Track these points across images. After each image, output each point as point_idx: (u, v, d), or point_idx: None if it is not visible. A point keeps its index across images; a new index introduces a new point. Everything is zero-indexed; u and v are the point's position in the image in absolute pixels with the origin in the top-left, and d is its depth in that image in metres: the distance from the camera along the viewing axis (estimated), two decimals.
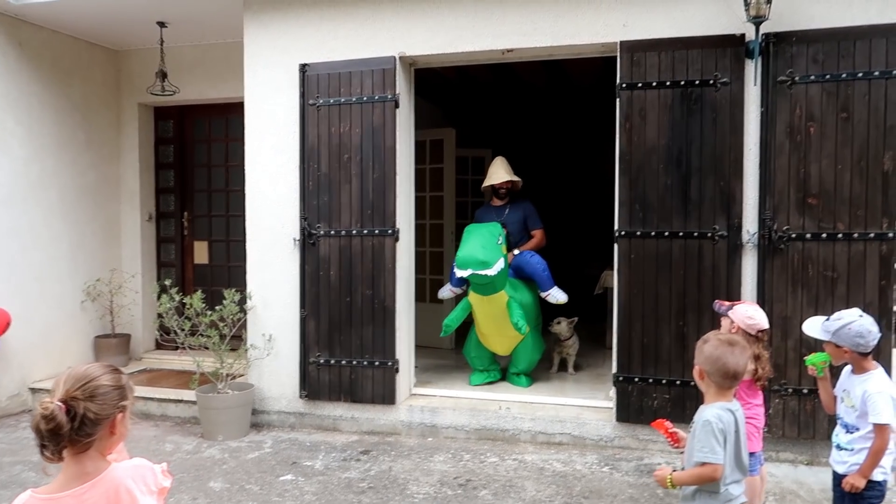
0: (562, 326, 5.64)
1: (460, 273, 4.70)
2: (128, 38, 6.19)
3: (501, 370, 5.46)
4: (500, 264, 4.71)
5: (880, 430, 2.53)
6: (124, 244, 6.61)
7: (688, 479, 2.28)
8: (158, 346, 6.57)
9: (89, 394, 1.55)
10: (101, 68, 6.37)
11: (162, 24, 5.68)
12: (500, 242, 4.87)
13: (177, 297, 4.90)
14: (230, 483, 4.02)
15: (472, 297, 4.97)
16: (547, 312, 5.70)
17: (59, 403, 1.51)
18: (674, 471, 2.33)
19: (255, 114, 5.12)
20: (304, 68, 4.92)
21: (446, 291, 5.50)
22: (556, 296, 5.25)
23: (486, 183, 5.69)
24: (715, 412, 2.25)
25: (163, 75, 5.86)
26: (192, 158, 6.76)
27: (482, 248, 4.66)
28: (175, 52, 6.07)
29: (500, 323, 4.97)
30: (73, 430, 1.51)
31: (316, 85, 4.90)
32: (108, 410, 1.58)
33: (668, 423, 2.48)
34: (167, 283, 5.22)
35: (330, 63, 4.89)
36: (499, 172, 5.61)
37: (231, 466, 4.28)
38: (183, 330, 4.87)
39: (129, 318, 6.47)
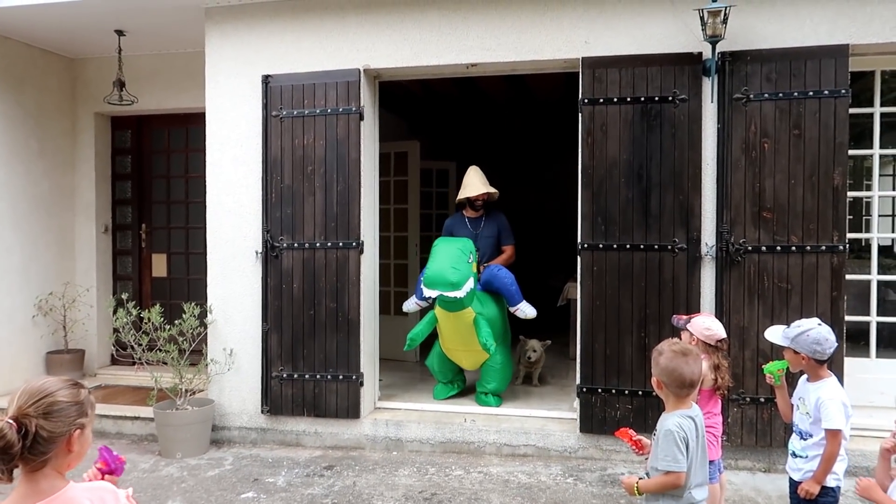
0: (534, 349, 5.60)
1: (428, 293, 4.58)
2: (84, 47, 6.06)
3: (464, 381, 5.42)
4: (469, 285, 4.59)
5: (832, 435, 2.61)
6: (79, 257, 6.42)
7: (653, 487, 2.35)
8: (114, 362, 6.38)
9: (43, 410, 1.48)
10: (56, 76, 6.21)
11: (120, 33, 5.56)
12: (470, 261, 4.72)
13: (134, 312, 4.78)
14: (189, 502, 3.92)
15: (439, 311, 4.83)
16: (515, 327, 5.68)
17: (10, 421, 1.44)
18: (640, 479, 2.38)
19: (216, 125, 5.05)
20: (267, 79, 4.88)
21: (411, 304, 5.35)
22: (525, 310, 5.09)
23: (462, 195, 5.49)
24: (676, 421, 2.31)
25: (120, 84, 5.74)
26: (151, 169, 6.62)
27: (452, 268, 4.51)
28: (133, 60, 5.95)
29: (466, 338, 4.86)
30: (24, 448, 1.45)
31: (279, 96, 4.87)
32: (64, 428, 1.51)
33: (631, 432, 2.54)
34: (124, 296, 5.10)
35: (294, 75, 4.86)
36: (475, 184, 5.41)
37: (190, 485, 4.18)
38: (140, 345, 4.75)
39: (84, 333, 6.28)
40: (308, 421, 4.89)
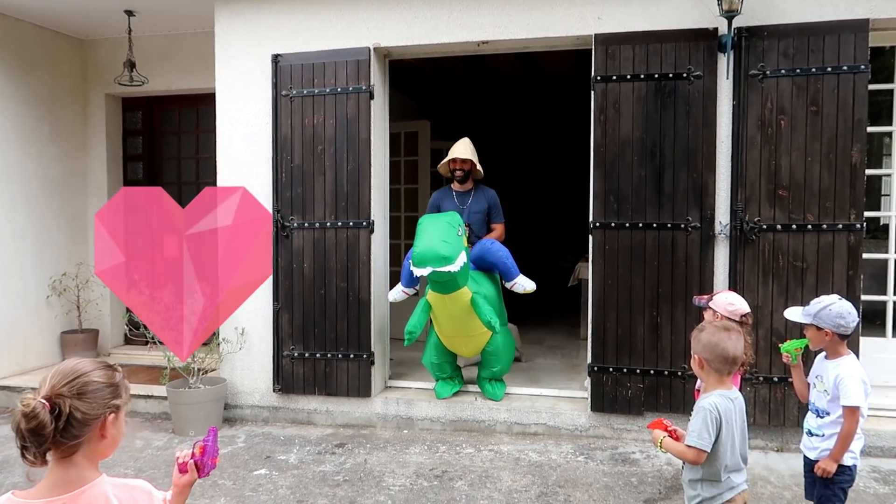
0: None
1: (418, 272, 4.15)
2: (94, 27, 6.05)
3: (462, 376, 5.04)
4: (462, 258, 4.18)
5: (850, 412, 2.58)
6: (91, 238, 6.45)
7: (675, 450, 2.35)
8: (128, 342, 6.45)
9: (78, 390, 1.40)
10: (66, 58, 6.21)
11: (130, 13, 5.55)
12: (460, 234, 4.30)
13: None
14: (202, 479, 3.95)
15: (432, 296, 4.41)
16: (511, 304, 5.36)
17: (43, 400, 1.37)
18: (665, 437, 2.38)
19: (226, 105, 5.04)
20: (276, 59, 4.85)
21: (397, 293, 4.86)
22: (524, 284, 4.70)
23: (446, 158, 5.11)
24: (713, 400, 2.30)
25: (131, 65, 5.73)
26: (162, 151, 6.64)
27: (442, 241, 4.10)
28: (143, 41, 5.94)
29: (464, 323, 4.45)
30: (57, 430, 1.36)
31: (289, 76, 4.84)
32: (98, 410, 1.42)
33: (667, 422, 2.47)
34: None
35: (303, 54, 4.82)
36: (457, 150, 5.04)
37: None
38: None
39: (97, 314, 6.34)
40: (319, 399, 4.92)
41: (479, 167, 5.13)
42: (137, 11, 5.55)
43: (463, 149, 5.06)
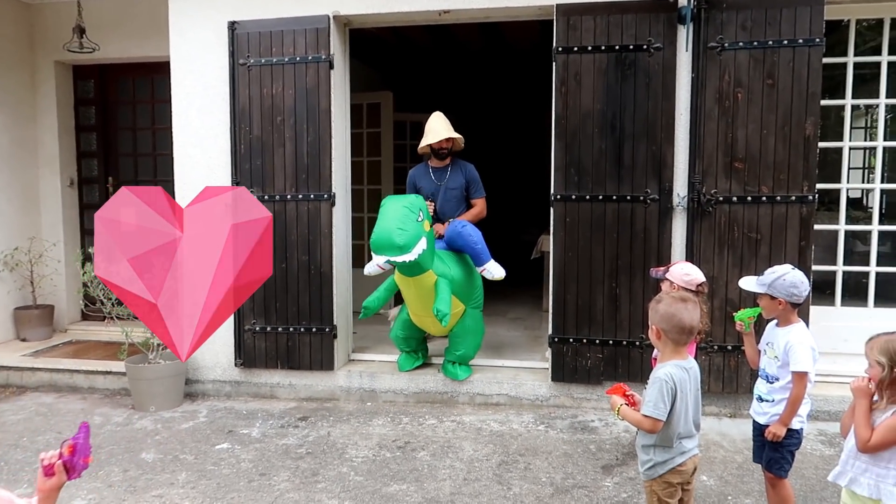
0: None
1: (376, 259, 4.12)
2: None
3: (427, 351, 5.04)
4: (420, 246, 4.08)
5: (799, 377, 2.67)
6: (44, 211, 6.27)
7: (631, 418, 2.39)
8: (85, 317, 6.30)
9: None
10: (11, 23, 5.94)
11: None
12: (420, 219, 4.16)
13: None
14: (163, 454, 3.93)
15: (398, 277, 4.40)
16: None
17: None
18: (623, 405, 2.42)
19: (182, 74, 4.89)
20: (233, 26, 4.72)
21: (372, 267, 4.58)
22: (493, 271, 4.62)
23: (424, 142, 4.94)
24: (668, 370, 2.34)
25: (81, 31, 5.52)
26: (116, 121, 6.43)
27: (399, 229, 4.00)
28: (94, 6, 5.72)
29: (429, 304, 4.36)
30: None
31: (246, 44, 4.72)
32: None
33: (625, 386, 2.51)
34: (91, 251, 4.98)
35: (261, 21, 4.70)
36: (437, 129, 4.89)
37: (164, 437, 4.18)
38: (109, 299, 4.70)
39: (52, 289, 6.17)
40: (282, 373, 4.90)
41: (458, 137, 4.98)
42: None
43: (441, 130, 4.90)
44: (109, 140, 6.44)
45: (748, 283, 2.86)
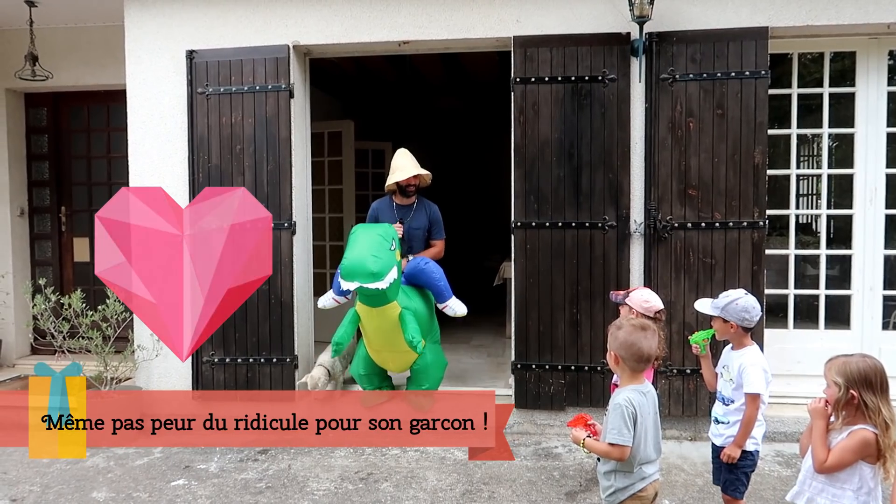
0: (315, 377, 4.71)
1: (346, 285, 4.03)
2: None
3: (392, 383, 4.91)
4: (392, 274, 4.06)
5: (752, 399, 2.73)
6: None
7: (598, 449, 2.39)
8: (34, 351, 6.08)
9: None
10: None
11: (31, 3, 5.23)
12: (392, 249, 4.15)
13: (53, 298, 4.57)
14: (115, 492, 3.79)
15: (360, 308, 4.28)
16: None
17: None
18: (587, 436, 2.42)
19: (138, 102, 4.84)
20: (191, 55, 4.70)
21: (328, 300, 4.67)
22: (455, 308, 4.58)
23: (391, 180, 4.80)
24: (626, 395, 2.36)
25: (33, 59, 5.41)
26: (70, 149, 6.30)
27: (373, 256, 3.97)
28: (47, 33, 5.63)
29: (392, 338, 4.30)
30: None
31: (205, 73, 4.70)
32: None
33: (586, 416, 2.52)
34: (42, 282, 4.84)
35: (220, 50, 4.69)
36: (405, 166, 4.77)
37: (117, 475, 4.04)
38: (61, 332, 4.55)
39: (0, 322, 5.96)
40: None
41: (425, 174, 4.87)
42: (39, 2, 5.24)
43: (409, 167, 4.77)
44: (63, 169, 6.30)
45: (703, 305, 2.94)
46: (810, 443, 2.26)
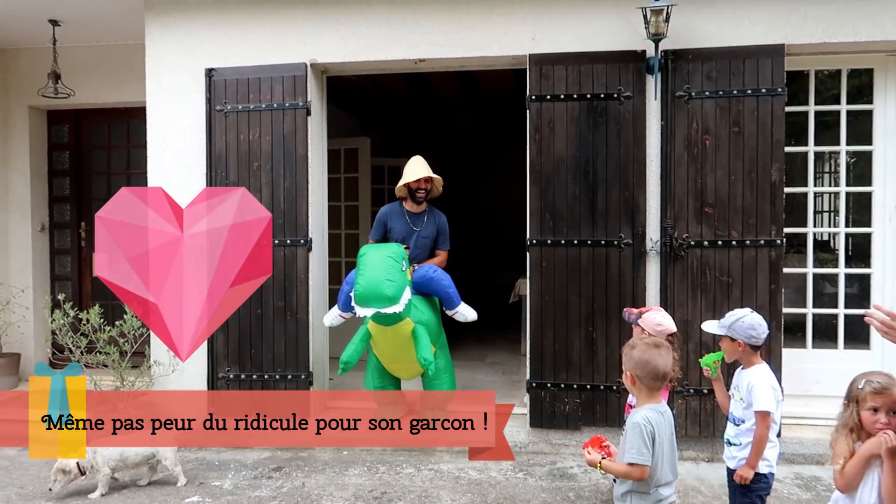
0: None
1: (361, 312, 4.00)
2: (16, 37, 5.81)
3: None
4: (406, 295, 4.05)
5: (762, 417, 2.69)
6: (13, 256, 6.16)
7: (616, 470, 2.37)
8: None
9: None
10: None
11: (55, 23, 5.35)
12: (404, 269, 4.11)
13: (71, 313, 4.62)
14: None
15: (373, 327, 4.22)
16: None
17: None
18: (603, 458, 2.40)
19: (158, 119, 4.91)
20: (210, 73, 4.77)
21: (333, 317, 4.62)
22: (465, 313, 4.60)
23: (403, 181, 4.82)
24: (644, 414, 2.33)
25: (56, 77, 5.52)
26: (90, 165, 6.40)
27: (387, 280, 3.93)
28: (70, 52, 5.74)
29: (405, 351, 4.31)
30: None
31: (224, 90, 4.76)
32: None
33: (602, 438, 2.49)
34: (61, 297, 4.90)
35: (238, 68, 4.75)
36: (416, 170, 4.79)
37: (132, 491, 4.05)
38: (78, 347, 4.60)
39: (19, 336, 6.02)
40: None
41: (437, 178, 4.89)
42: (63, 21, 5.36)
43: (421, 168, 4.80)
44: (83, 185, 6.39)
45: (710, 325, 2.95)
46: (858, 477, 2.18)
